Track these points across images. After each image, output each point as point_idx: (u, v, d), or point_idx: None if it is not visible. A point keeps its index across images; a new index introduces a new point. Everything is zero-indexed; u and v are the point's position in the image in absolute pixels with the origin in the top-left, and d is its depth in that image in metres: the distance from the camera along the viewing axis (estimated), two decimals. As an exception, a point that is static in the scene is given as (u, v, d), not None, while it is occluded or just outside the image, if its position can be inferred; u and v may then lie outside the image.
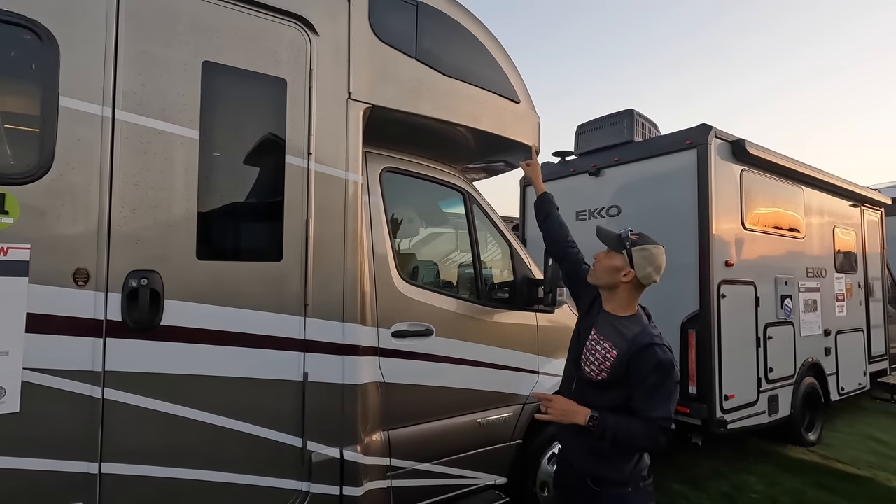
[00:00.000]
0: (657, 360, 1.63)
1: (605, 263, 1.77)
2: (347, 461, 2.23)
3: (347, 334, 2.26)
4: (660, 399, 1.62)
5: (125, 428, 1.80)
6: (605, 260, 1.77)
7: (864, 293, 6.13)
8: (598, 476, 1.70)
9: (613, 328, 1.73)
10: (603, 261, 1.78)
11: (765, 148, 4.53)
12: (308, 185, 2.17)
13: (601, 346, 1.73)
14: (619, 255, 1.73)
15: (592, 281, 1.83)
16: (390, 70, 2.46)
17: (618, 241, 1.76)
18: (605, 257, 1.78)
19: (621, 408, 1.65)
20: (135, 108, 1.83)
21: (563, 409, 1.68)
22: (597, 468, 1.71)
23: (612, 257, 1.75)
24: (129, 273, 1.80)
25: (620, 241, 1.75)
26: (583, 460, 1.75)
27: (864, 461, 4.57)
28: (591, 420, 1.61)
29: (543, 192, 2.32)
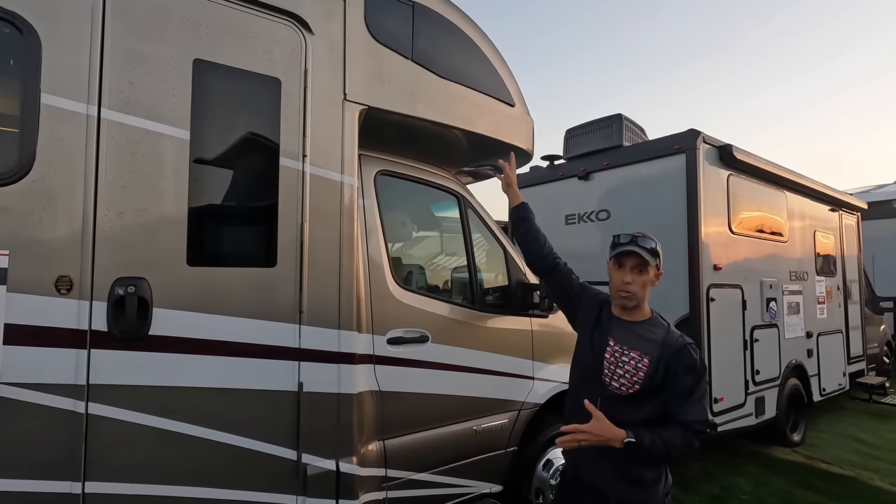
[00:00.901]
0: (692, 361, 1.59)
1: (643, 280, 1.66)
2: (343, 473, 2.16)
3: (343, 342, 2.19)
4: (695, 401, 1.58)
5: (110, 444, 1.70)
6: (642, 277, 1.66)
7: (843, 296, 6.27)
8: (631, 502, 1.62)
9: (636, 335, 1.66)
10: (638, 280, 1.66)
11: (751, 153, 4.60)
12: (303, 189, 2.10)
13: (628, 357, 1.63)
14: (653, 266, 1.66)
15: (634, 304, 1.69)
16: (386, 71, 2.40)
17: (653, 253, 1.66)
18: (639, 276, 1.66)
19: (657, 420, 1.59)
20: (122, 106, 1.75)
21: (599, 437, 1.52)
22: (632, 495, 1.62)
23: (646, 271, 1.66)
24: (115, 280, 1.71)
25: (655, 253, 1.67)
26: (615, 486, 1.63)
27: (847, 461, 4.66)
28: (628, 445, 1.50)
29: (523, 202, 2.16)
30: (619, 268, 1.69)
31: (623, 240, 1.70)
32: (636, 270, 1.66)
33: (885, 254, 9.00)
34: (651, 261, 1.65)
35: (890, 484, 4.14)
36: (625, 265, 1.68)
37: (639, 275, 1.66)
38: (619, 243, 1.71)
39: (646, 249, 1.65)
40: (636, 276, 1.66)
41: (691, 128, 4.29)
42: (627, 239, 1.69)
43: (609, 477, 1.63)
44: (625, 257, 1.68)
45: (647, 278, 1.67)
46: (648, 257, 1.64)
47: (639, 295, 1.67)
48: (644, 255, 1.64)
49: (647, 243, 1.66)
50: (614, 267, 1.71)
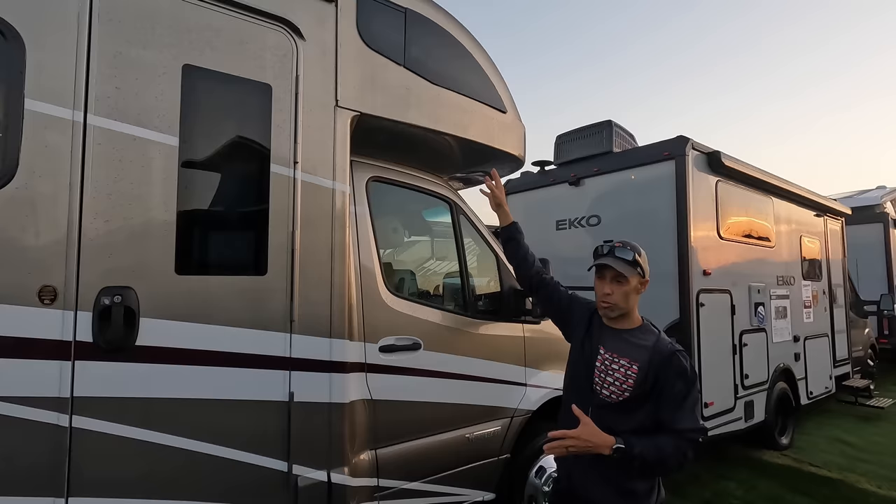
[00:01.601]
0: (683, 368, 1.57)
1: (623, 290, 1.65)
2: (335, 484, 2.13)
3: (335, 351, 2.17)
4: (687, 408, 1.55)
5: (95, 458, 1.66)
6: (622, 287, 1.65)
7: (829, 299, 6.36)
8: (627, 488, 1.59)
9: (626, 342, 1.66)
10: (619, 290, 1.65)
11: (738, 160, 4.66)
12: (294, 196, 2.08)
13: (618, 365, 1.63)
14: (634, 276, 1.66)
15: (616, 314, 1.69)
16: (378, 77, 2.39)
17: (631, 263, 1.66)
18: (619, 286, 1.66)
19: (649, 429, 1.57)
20: (109, 112, 1.71)
21: (588, 443, 1.49)
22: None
23: (628, 281, 1.65)
24: (101, 290, 1.67)
25: (633, 263, 1.66)
26: (607, 498, 1.62)
27: (835, 464, 4.71)
28: (617, 451, 1.47)
29: (513, 223, 2.23)
30: (600, 279, 1.71)
31: (603, 251, 1.73)
32: (615, 281, 1.67)
33: (868, 258, 9.16)
34: (628, 272, 1.64)
35: (877, 486, 4.19)
36: (605, 276, 1.69)
37: (618, 285, 1.66)
38: (598, 254, 1.73)
39: (623, 261, 1.65)
40: (616, 287, 1.66)
41: (680, 134, 4.34)
42: (606, 250, 1.71)
43: (601, 488, 1.62)
44: (603, 269, 1.69)
45: (629, 288, 1.66)
46: (623, 268, 1.64)
47: (621, 305, 1.67)
48: (619, 267, 1.64)
49: (626, 254, 1.67)
50: (596, 277, 1.73)
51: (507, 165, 3.40)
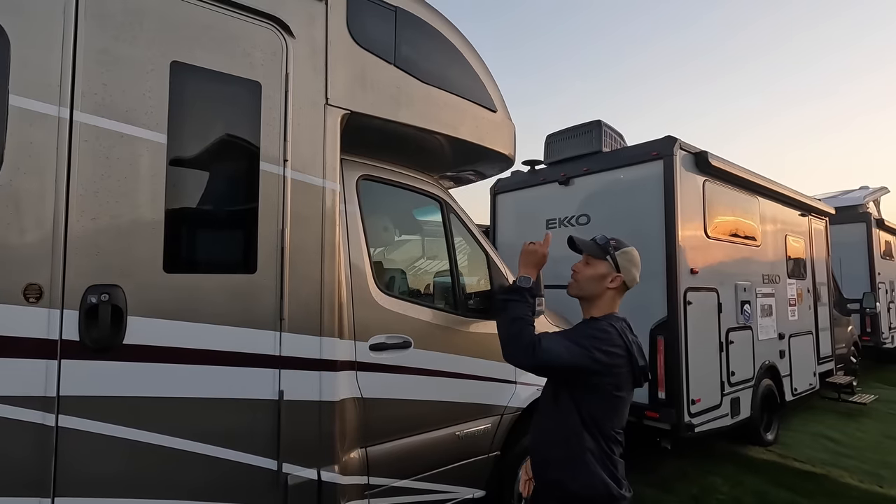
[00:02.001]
0: (598, 324, 1.63)
1: (588, 273, 1.70)
2: (325, 482, 2.13)
3: (325, 349, 2.17)
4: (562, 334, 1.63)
5: (82, 458, 1.64)
6: (588, 269, 1.71)
7: (813, 298, 6.47)
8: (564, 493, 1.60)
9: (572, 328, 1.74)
10: (585, 270, 1.71)
11: (725, 160, 4.72)
12: (284, 194, 2.07)
13: None
14: (604, 262, 1.69)
15: (575, 293, 1.75)
16: (369, 76, 2.39)
17: (600, 247, 1.71)
18: (586, 267, 1.72)
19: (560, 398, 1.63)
20: (95, 109, 1.70)
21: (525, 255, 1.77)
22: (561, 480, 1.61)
23: (595, 265, 1.70)
24: (87, 288, 1.65)
25: (603, 248, 1.71)
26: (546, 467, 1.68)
27: (819, 459, 4.79)
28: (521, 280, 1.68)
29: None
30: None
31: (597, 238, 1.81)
32: (584, 262, 1.75)
33: (851, 257, 9.34)
34: (594, 253, 1.72)
35: (859, 481, 4.28)
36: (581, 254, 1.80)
37: (585, 266, 1.73)
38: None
39: (592, 243, 1.75)
40: (583, 267, 1.74)
41: (668, 134, 4.38)
42: (598, 237, 1.80)
43: (542, 458, 1.71)
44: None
45: (595, 273, 1.70)
46: (585, 246, 1.74)
47: (582, 286, 1.73)
48: (580, 244, 1.75)
49: (601, 240, 1.75)
50: None
51: (497, 164, 3.42)
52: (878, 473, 4.45)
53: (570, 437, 1.61)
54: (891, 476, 4.40)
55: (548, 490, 1.67)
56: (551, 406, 1.68)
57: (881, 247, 10.05)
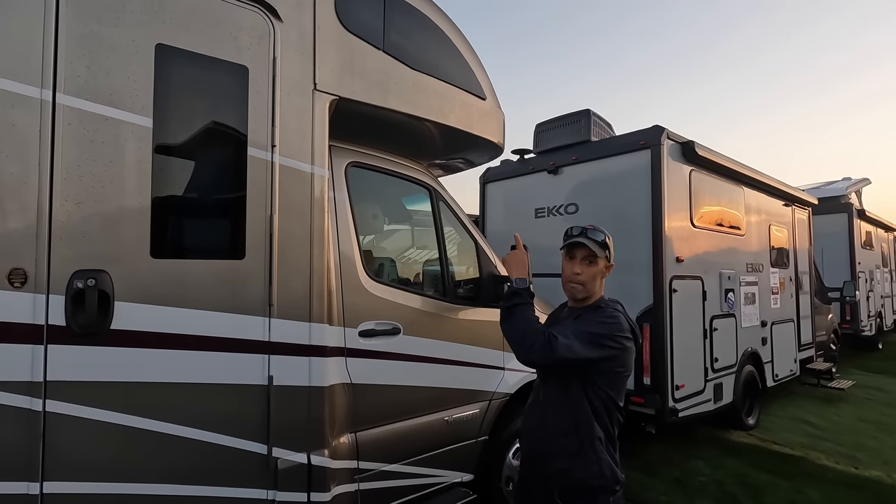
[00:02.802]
0: (600, 310, 1.66)
1: (592, 272, 1.72)
2: (315, 466, 2.15)
3: (314, 335, 2.18)
4: (573, 326, 1.62)
5: (71, 442, 1.64)
6: (591, 268, 1.72)
7: (795, 286, 6.60)
8: (566, 481, 1.63)
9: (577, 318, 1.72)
10: (587, 271, 1.72)
11: (711, 150, 4.77)
12: (272, 179, 2.06)
13: None
14: (602, 258, 1.72)
15: (583, 295, 1.74)
16: (357, 61, 2.38)
17: (601, 245, 1.72)
18: (590, 267, 1.72)
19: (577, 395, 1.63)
20: (79, 91, 1.67)
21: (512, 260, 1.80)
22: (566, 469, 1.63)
23: (596, 262, 1.71)
24: (73, 273, 1.64)
25: (602, 245, 1.72)
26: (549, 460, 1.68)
27: (797, 442, 4.93)
28: (518, 281, 1.70)
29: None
30: (570, 259, 1.76)
31: (574, 232, 1.77)
32: (585, 262, 1.72)
33: (832, 247, 9.53)
34: (599, 252, 1.71)
35: (835, 463, 4.42)
36: (575, 256, 1.75)
37: (588, 266, 1.72)
38: (570, 235, 1.78)
39: (595, 242, 1.71)
40: (585, 268, 1.72)
41: (656, 124, 4.42)
42: (578, 231, 1.76)
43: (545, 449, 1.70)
44: (575, 249, 1.75)
45: (597, 270, 1.73)
46: (597, 249, 1.70)
47: (588, 286, 1.73)
48: (592, 247, 1.70)
49: (597, 236, 1.72)
50: (566, 258, 1.78)
51: (486, 153, 3.43)
52: (854, 455, 4.60)
53: (580, 427, 1.64)
54: (866, 458, 4.55)
55: (551, 480, 1.67)
56: (559, 397, 1.67)
57: (862, 237, 10.27)
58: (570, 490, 1.63)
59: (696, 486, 3.86)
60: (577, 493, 1.62)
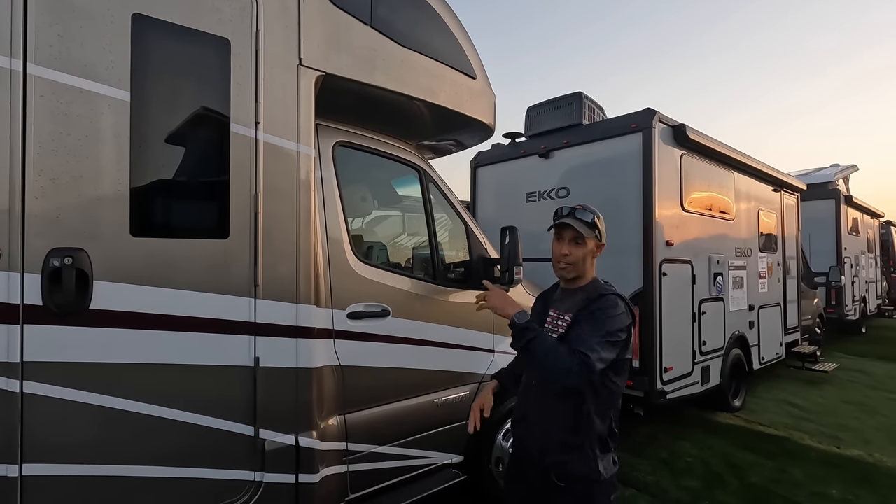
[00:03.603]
0: (606, 303, 1.59)
1: (580, 253, 1.68)
2: (303, 448, 2.14)
3: (301, 316, 2.15)
4: (593, 332, 1.53)
5: (51, 424, 1.61)
6: (580, 249, 1.68)
7: (782, 271, 6.67)
8: (563, 472, 1.62)
9: (572, 300, 1.70)
10: (577, 251, 1.69)
11: (703, 133, 4.76)
12: (256, 157, 2.01)
13: (562, 321, 1.67)
14: (591, 238, 1.69)
15: (573, 275, 1.71)
16: (344, 37, 2.31)
17: (589, 226, 1.68)
18: (578, 248, 1.69)
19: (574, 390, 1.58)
20: (51, 62, 1.60)
21: (501, 300, 1.65)
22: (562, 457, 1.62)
23: (585, 242, 1.68)
24: (49, 251, 1.59)
25: (591, 226, 1.69)
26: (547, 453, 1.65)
27: (781, 423, 5.02)
28: (512, 322, 1.56)
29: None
30: (559, 240, 1.73)
31: (563, 212, 1.74)
32: (573, 243, 1.70)
33: (820, 233, 9.63)
34: (587, 233, 1.67)
35: (817, 442, 4.51)
36: (563, 237, 1.72)
37: (577, 247, 1.69)
38: (558, 215, 1.74)
39: (583, 222, 1.68)
40: (574, 248, 1.69)
41: (648, 107, 4.39)
42: (566, 212, 1.73)
43: (543, 442, 1.66)
44: (562, 230, 1.72)
45: (587, 250, 1.69)
46: (584, 229, 1.67)
47: (578, 266, 1.70)
48: (579, 227, 1.67)
49: (585, 216, 1.69)
50: (554, 239, 1.75)
51: (477, 134, 3.38)
52: (836, 436, 4.70)
53: (581, 421, 1.61)
54: (847, 438, 4.65)
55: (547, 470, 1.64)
56: (562, 391, 1.62)
57: (848, 223, 10.39)
58: (566, 481, 1.61)
59: (683, 467, 3.92)
60: (575, 481, 1.61)
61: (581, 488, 1.61)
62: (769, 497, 3.45)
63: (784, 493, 3.50)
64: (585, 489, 1.61)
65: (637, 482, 3.61)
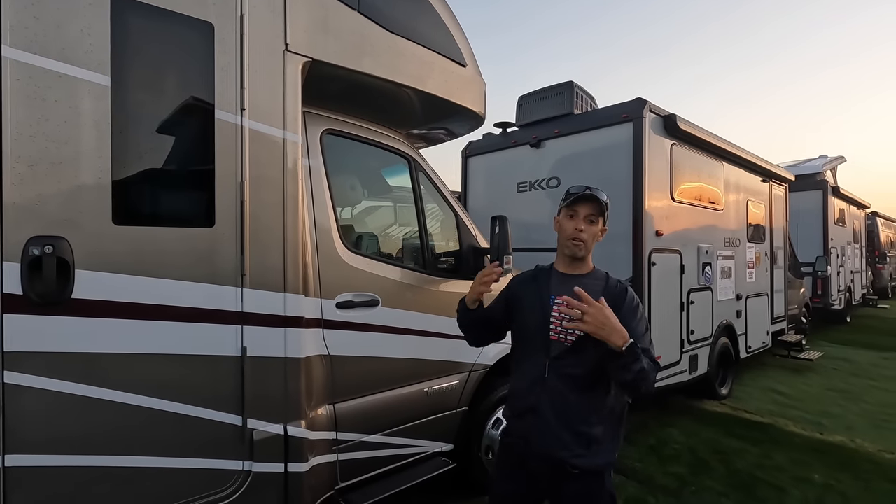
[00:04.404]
0: (636, 303, 1.66)
1: (593, 231, 1.69)
2: (292, 437, 2.14)
3: (289, 306, 2.13)
4: (648, 340, 1.62)
5: (33, 415, 1.58)
6: (593, 227, 1.68)
7: (770, 261, 6.74)
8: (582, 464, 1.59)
9: (581, 285, 1.61)
10: (590, 229, 1.68)
11: (693, 124, 4.76)
12: (242, 144, 1.98)
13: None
14: (600, 219, 1.70)
15: (583, 253, 1.70)
16: (331, 22, 2.27)
17: (606, 205, 1.69)
18: (590, 226, 1.68)
19: (601, 368, 1.57)
20: (27, 45, 1.55)
21: (603, 320, 1.46)
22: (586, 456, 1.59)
23: (597, 222, 1.69)
24: (29, 239, 1.56)
25: (606, 206, 1.69)
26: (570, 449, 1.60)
27: (767, 410, 5.11)
28: (629, 346, 1.45)
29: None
30: (572, 217, 1.70)
31: (577, 189, 1.72)
32: (588, 220, 1.69)
33: (807, 223, 9.74)
34: (601, 212, 1.69)
35: (801, 429, 4.59)
36: (578, 214, 1.69)
37: (590, 225, 1.69)
38: (574, 192, 1.72)
39: (601, 200, 1.69)
40: (588, 226, 1.69)
41: (638, 97, 4.38)
42: (582, 189, 1.71)
43: (565, 440, 1.60)
44: (579, 205, 1.69)
45: (597, 230, 1.70)
46: (599, 209, 1.69)
47: (588, 244, 1.70)
48: (602, 199, 1.69)
49: (602, 195, 1.70)
50: (566, 216, 1.72)
51: (467, 123, 3.36)
52: (820, 422, 4.79)
53: (605, 414, 1.63)
54: (830, 424, 4.74)
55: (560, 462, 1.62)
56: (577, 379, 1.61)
57: (835, 214, 10.51)
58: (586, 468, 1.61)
59: (671, 454, 3.97)
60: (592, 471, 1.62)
61: (594, 476, 1.62)
62: (753, 482, 3.51)
63: (768, 479, 3.56)
64: (597, 476, 1.63)
65: (625, 469, 3.65)
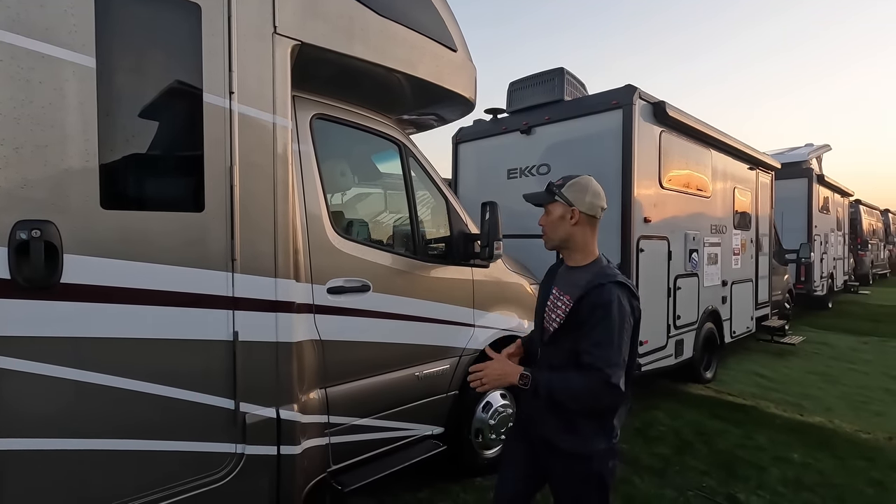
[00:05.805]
0: (601, 300, 1.50)
1: (549, 220, 1.70)
2: (284, 420, 2.16)
3: (280, 291, 2.13)
4: (599, 341, 1.46)
5: (22, 398, 1.58)
6: (547, 217, 1.71)
7: (755, 248, 6.85)
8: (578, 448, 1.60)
9: (572, 280, 1.67)
10: (545, 220, 1.72)
11: (682, 111, 4.79)
12: (230, 128, 1.96)
13: (561, 301, 1.66)
14: (558, 204, 1.67)
15: (550, 246, 1.73)
16: (320, 4, 2.25)
17: (547, 192, 1.71)
18: (546, 216, 1.72)
19: (574, 363, 1.53)
20: (9, 25, 1.52)
21: (498, 372, 1.57)
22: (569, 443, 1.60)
23: (551, 210, 1.70)
24: (16, 223, 1.54)
25: (549, 191, 1.71)
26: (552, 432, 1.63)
27: (750, 393, 5.24)
28: (522, 378, 1.51)
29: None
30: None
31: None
32: (543, 215, 1.74)
33: (792, 211, 9.89)
34: (543, 199, 1.71)
35: (782, 411, 4.72)
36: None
37: (545, 216, 1.73)
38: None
39: (536, 194, 1.74)
40: (544, 217, 1.73)
41: (629, 84, 4.39)
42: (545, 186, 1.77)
43: (551, 423, 1.62)
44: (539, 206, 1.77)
45: (554, 217, 1.69)
46: (541, 198, 1.72)
47: (550, 235, 1.71)
48: (533, 200, 1.75)
49: (545, 185, 1.75)
50: None
51: (457, 108, 3.35)
52: (800, 404, 4.93)
53: None
54: (810, 406, 4.88)
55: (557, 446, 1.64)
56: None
57: (820, 202, 10.68)
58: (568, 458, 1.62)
59: (656, 435, 4.07)
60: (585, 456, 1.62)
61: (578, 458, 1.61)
62: (735, 461, 3.61)
63: (749, 458, 3.67)
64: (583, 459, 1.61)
65: (611, 450, 3.73)
